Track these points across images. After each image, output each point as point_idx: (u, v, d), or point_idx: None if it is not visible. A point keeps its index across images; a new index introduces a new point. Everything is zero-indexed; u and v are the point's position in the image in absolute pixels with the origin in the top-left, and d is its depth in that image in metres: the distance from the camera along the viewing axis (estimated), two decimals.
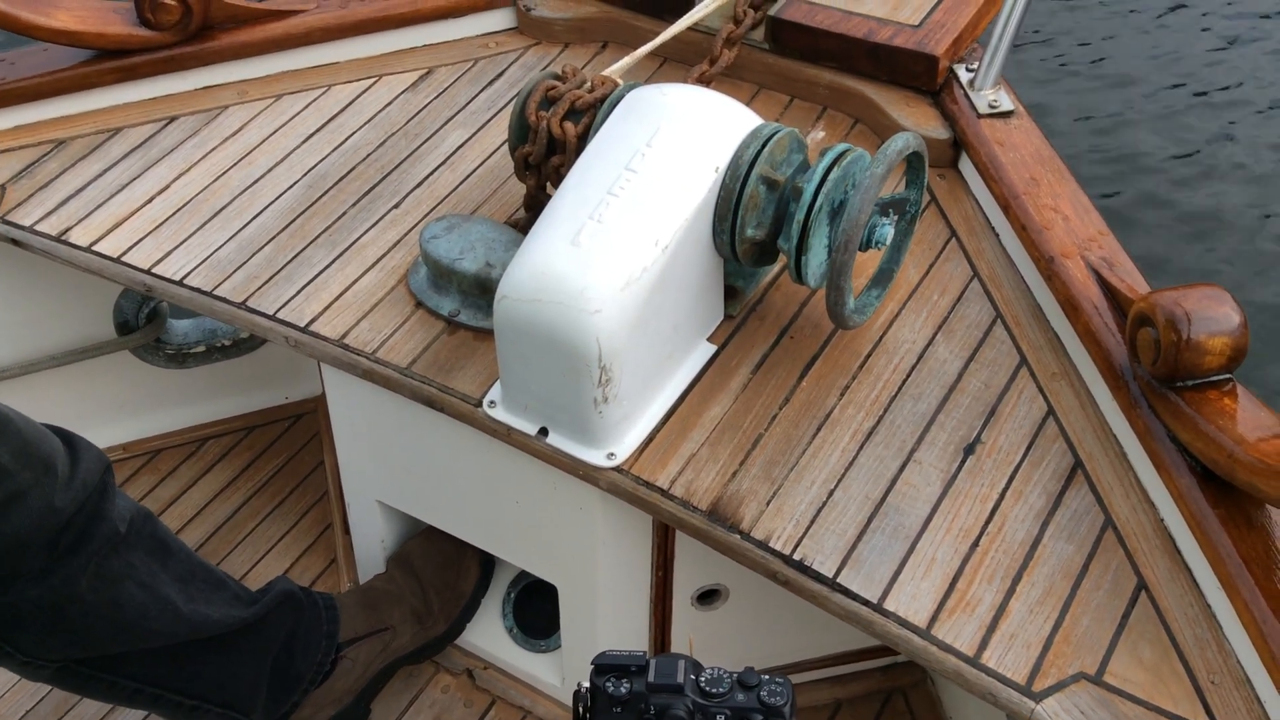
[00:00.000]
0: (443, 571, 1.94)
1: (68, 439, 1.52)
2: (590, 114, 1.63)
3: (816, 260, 1.50)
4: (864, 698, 1.95)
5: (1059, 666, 1.30)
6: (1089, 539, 1.41)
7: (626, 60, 1.82)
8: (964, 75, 1.86)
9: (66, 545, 1.48)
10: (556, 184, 1.64)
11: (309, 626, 1.79)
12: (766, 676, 0.99)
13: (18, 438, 1.43)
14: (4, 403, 1.46)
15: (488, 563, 1.97)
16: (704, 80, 1.87)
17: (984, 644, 1.32)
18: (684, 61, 2.00)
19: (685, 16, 1.91)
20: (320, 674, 1.81)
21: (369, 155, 1.93)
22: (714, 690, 0.97)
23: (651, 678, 0.97)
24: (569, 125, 1.63)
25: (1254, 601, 1.24)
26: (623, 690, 0.97)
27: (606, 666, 0.98)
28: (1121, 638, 1.32)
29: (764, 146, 1.48)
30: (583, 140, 1.62)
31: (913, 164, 1.56)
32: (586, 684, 0.99)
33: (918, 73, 1.87)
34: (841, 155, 1.48)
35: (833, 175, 1.46)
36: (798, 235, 1.47)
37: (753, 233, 1.50)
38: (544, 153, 1.66)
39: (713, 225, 1.50)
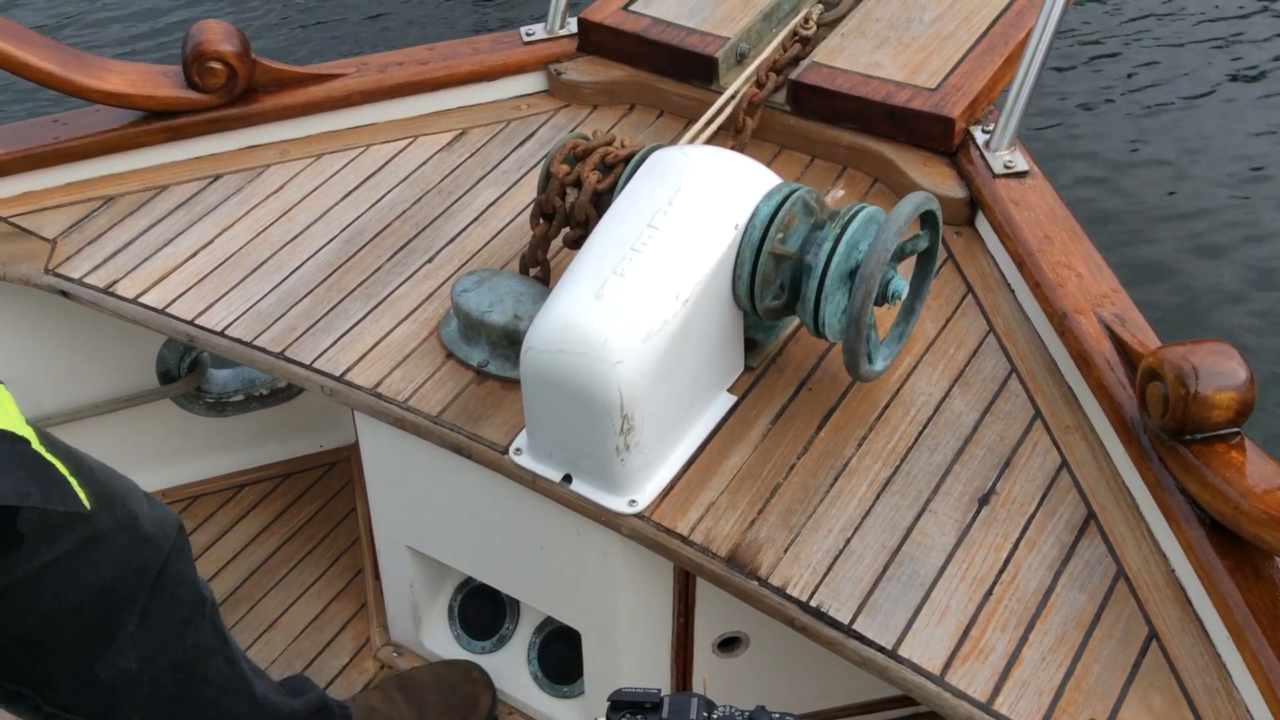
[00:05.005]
0: (451, 715, 1.84)
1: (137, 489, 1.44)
2: (615, 172, 1.69)
3: (834, 317, 1.55)
4: None
5: (1070, 714, 1.32)
6: (1101, 589, 1.43)
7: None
8: (980, 136, 1.91)
9: (158, 609, 1.39)
10: (571, 227, 1.71)
11: None
12: (778, 715, 1.02)
13: (90, 478, 1.33)
14: None
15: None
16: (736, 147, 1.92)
17: (997, 690, 1.34)
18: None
19: (718, 102, 1.95)
20: None
21: (404, 212, 2.00)
22: None
23: (665, 714, 1.01)
24: (593, 174, 1.68)
25: (1261, 651, 1.26)
26: None
27: (622, 703, 1.02)
28: (1132, 686, 1.34)
29: (775, 215, 1.52)
30: (607, 198, 1.68)
31: (927, 222, 1.61)
32: (603, 718, 1.02)
33: (934, 134, 1.92)
34: (854, 217, 1.53)
35: (844, 240, 1.51)
36: (813, 301, 1.52)
37: (771, 302, 1.55)
38: (562, 216, 1.72)
39: (732, 282, 1.55)
